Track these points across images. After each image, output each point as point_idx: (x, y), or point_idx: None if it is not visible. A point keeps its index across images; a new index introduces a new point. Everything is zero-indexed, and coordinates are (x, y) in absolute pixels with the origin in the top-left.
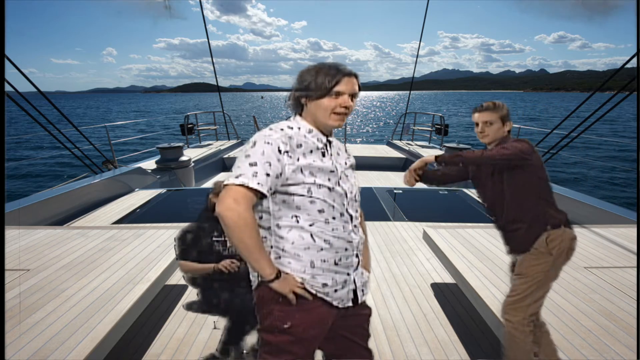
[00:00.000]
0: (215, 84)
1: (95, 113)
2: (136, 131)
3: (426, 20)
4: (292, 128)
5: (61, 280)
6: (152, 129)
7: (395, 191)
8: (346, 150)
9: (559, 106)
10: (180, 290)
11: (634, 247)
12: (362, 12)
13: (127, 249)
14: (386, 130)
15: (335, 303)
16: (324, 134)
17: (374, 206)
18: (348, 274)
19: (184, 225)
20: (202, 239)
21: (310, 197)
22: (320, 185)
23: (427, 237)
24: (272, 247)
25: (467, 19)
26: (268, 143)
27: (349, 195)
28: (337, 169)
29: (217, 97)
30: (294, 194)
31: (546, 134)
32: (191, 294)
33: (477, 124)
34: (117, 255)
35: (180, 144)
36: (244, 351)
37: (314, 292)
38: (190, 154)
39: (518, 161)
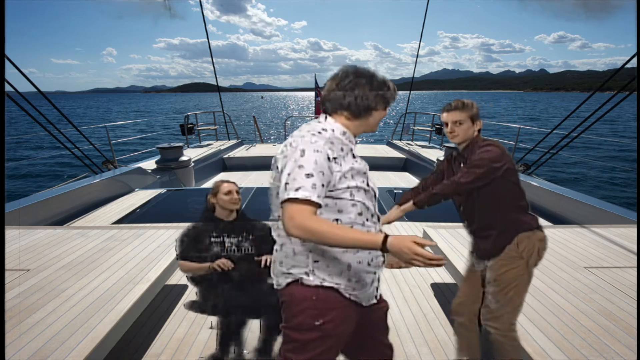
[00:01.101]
0: (215, 84)
1: (95, 113)
2: (136, 131)
3: (426, 20)
4: (326, 130)
5: (61, 280)
6: (152, 129)
7: (395, 191)
8: None
9: (559, 106)
10: (180, 290)
11: (634, 247)
12: (362, 12)
13: (127, 249)
14: (386, 130)
15: (364, 303)
16: (354, 135)
17: None
18: (375, 273)
19: (184, 225)
20: (201, 239)
21: (352, 200)
22: (358, 187)
23: (427, 237)
24: (311, 251)
25: (467, 19)
26: (317, 151)
27: (376, 195)
28: (366, 170)
29: (217, 97)
30: (337, 198)
31: (546, 134)
32: (191, 294)
33: (447, 124)
34: (117, 255)
35: (180, 144)
36: (244, 351)
37: (347, 295)
38: (190, 154)
39: (492, 175)
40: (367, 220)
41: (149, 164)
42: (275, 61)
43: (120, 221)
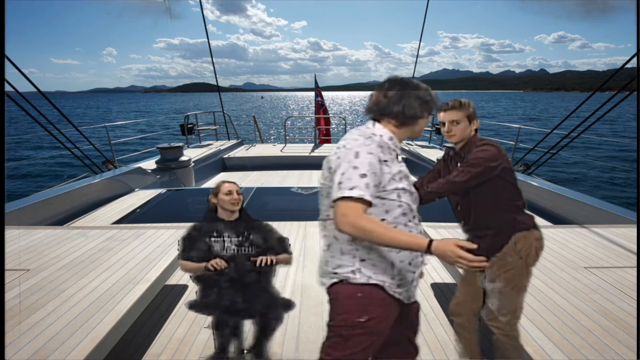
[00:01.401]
0: (215, 84)
1: (95, 113)
2: (136, 131)
3: (426, 20)
4: (376, 135)
5: (61, 280)
6: (152, 129)
7: None
8: None
9: (559, 106)
10: (180, 290)
11: (634, 247)
12: (362, 12)
13: (127, 249)
14: None
15: (405, 301)
16: (399, 141)
17: None
18: (414, 272)
19: (184, 225)
20: (201, 239)
21: (399, 201)
22: (405, 189)
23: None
24: (357, 250)
25: (467, 19)
26: (370, 154)
27: (417, 198)
28: (409, 174)
29: (217, 97)
30: (385, 198)
31: (546, 134)
32: (191, 294)
33: (444, 124)
34: (117, 255)
35: (180, 144)
36: (244, 350)
37: (391, 292)
38: (190, 154)
39: (488, 174)
40: (409, 221)
41: (149, 164)
42: (275, 61)
43: (120, 221)
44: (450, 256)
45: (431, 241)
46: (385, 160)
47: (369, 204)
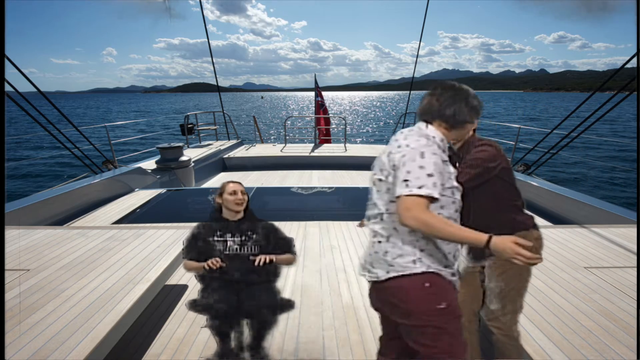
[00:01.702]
0: (215, 84)
1: (95, 113)
2: (136, 131)
3: (426, 20)
4: (431, 136)
5: (61, 280)
6: (152, 129)
7: None
8: None
9: (559, 106)
10: (180, 290)
11: (634, 247)
12: (362, 12)
13: (127, 249)
14: (386, 130)
15: (457, 289)
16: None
17: None
18: (455, 264)
19: (184, 225)
20: (204, 239)
21: (453, 198)
22: (456, 187)
23: None
24: (417, 240)
25: (467, 19)
26: (435, 154)
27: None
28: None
29: (217, 97)
30: (443, 195)
31: (546, 134)
32: (191, 294)
33: None
34: (117, 255)
35: (180, 144)
36: (243, 350)
37: (448, 279)
38: (190, 154)
39: (487, 175)
40: (457, 216)
41: (149, 164)
42: (275, 61)
43: (120, 221)
44: (509, 252)
45: (490, 237)
46: (445, 161)
47: (433, 200)
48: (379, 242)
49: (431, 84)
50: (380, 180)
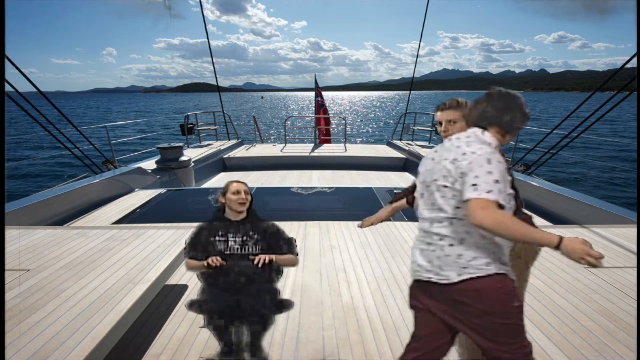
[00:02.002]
0: (216, 84)
1: (95, 113)
2: (136, 131)
3: (426, 20)
4: (490, 144)
5: (61, 280)
6: (152, 129)
7: (395, 191)
8: None
9: (559, 106)
10: (180, 290)
11: (634, 247)
12: (362, 12)
13: (127, 249)
14: (386, 130)
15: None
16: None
17: (374, 206)
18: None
19: (184, 225)
20: (206, 238)
21: (509, 204)
22: (511, 194)
23: None
24: (490, 242)
25: (467, 19)
26: (500, 162)
27: None
28: None
29: (217, 97)
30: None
31: (546, 134)
32: (191, 294)
33: (441, 123)
34: (117, 255)
35: (180, 144)
36: (243, 349)
37: (511, 279)
38: (190, 154)
39: None
40: None
41: (149, 164)
42: (275, 61)
43: (120, 221)
44: (580, 252)
45: (561, 238)
46: (508, 169)
47: (498, 207)
48: (450, 245)
49: (488, 89)
50: (445, 186)
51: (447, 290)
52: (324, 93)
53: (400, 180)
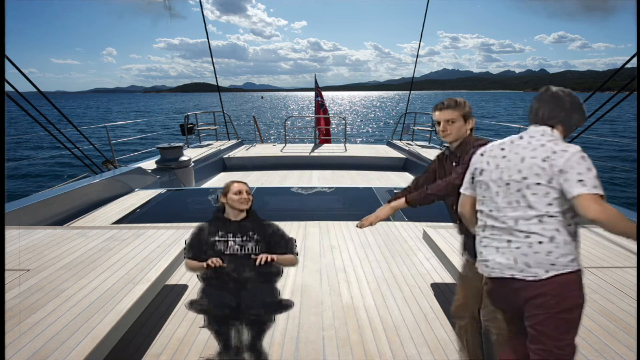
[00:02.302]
0: (216, 84)
1: (95, 113)
2: (136, 131)
3: (426, 20)
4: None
5: (61, 280)
6: (152, 129)
7: (395, 191)
8: None
9: None
10: (180, 290)
11: (634, 247)
12: (362, 12)
13: (127, 249)
14: (386, 130)
15: None
16: None
17: (374, 206)
18: None
19: (184, 225)
20: (206, 239)
21: None
22: None
23: (427, 237)
24: (574, 240)
25: (467, 19)
26: (589, 158)
27: None
28: None
29: (217, 97)
30: None
31: None
32: (191, 294)
33: (439, 123)
34: (117, 255)
35: (180, 144)
36: (243, 349)
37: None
38: (190, 154)
39: None
40: None
41: (149, 164)
42: (275, 61)
43: (120, 221)
44: None
45: None
46: None
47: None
48: (539, 242)
49: (543, 88)
50: (538, 184)
51: (531, 286)
52: (324, 93)
53: (400, 180)
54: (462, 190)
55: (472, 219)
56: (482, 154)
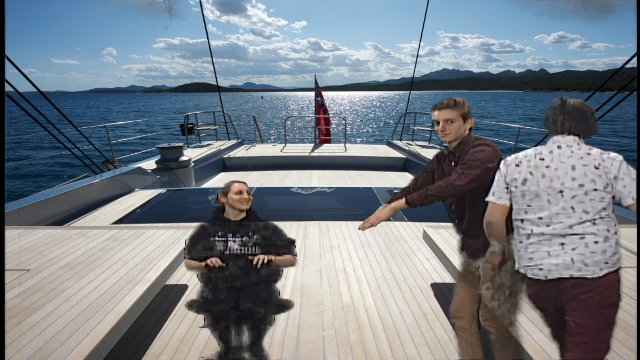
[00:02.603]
0: (216, 84)
1: (95, 113)
2: (136, 131)
3: (426, 20)
4: None
5: (61, 280)
6: (152, 129)
7: (395, 191)
8: None
9: None
10: (180, 290)
11: (634, 247)
12: (362, 12)
13: (127, 249)
14: (386, 130)
15: None
16: None
17: (374, 206)
18: None
19: (184, 225)
20: (206, 239)
21: None
22: None
23: (427, 237)
24: (618, 240)
25: (467, 19)
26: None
27: None
28: None
29: (217, 97)
30: None
31: (546, 134)
32: (191, 294)
33: (438, 122)
34: (117, 255)
35: (180, 144)
36: (243, 350)
37: None
38: (190, 154)
39: (486, 175)
40: None
41: (149, 164)
42: (275, 61)
43: (120, 221)
44: None
45: None
46: None
47: None
48: (595, 242)
49: (560, 100)
50: (595, 190)
51: (585, 283)
52: (324, 93)
53: (400, 180)
54: (493, 199)
55: (502, 227)
56: (517, 165)
